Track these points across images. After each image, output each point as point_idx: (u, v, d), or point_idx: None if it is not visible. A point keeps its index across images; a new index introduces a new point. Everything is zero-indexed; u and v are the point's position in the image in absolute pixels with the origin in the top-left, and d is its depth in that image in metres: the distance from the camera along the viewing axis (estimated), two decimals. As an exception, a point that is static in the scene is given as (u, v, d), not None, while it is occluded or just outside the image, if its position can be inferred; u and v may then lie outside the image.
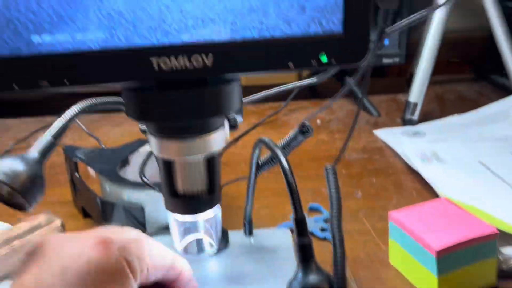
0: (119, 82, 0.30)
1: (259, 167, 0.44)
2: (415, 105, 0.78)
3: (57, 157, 0.76)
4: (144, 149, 0.60)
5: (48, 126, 0.88)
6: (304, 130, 0.40)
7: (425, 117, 0.81)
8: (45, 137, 0.35)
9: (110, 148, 0.60)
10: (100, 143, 0.65)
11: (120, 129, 0.85)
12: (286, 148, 0.42)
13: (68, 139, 0.82)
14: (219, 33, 0.29)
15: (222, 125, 0.34)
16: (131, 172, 0.57)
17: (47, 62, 0.28)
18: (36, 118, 0.90)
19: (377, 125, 0.80)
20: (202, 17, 0.29)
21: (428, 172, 0.60)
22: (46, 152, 0.34)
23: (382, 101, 0.92)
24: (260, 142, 0.41)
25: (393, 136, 0.74)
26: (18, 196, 0.31)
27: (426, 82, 0.79)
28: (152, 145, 0.33)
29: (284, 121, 0.86)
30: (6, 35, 0.27)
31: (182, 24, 0.29)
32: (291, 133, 0.41)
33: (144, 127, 0.35)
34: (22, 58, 0.28)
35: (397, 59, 0.91)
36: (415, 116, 0.78)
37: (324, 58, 0.31)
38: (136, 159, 0.58)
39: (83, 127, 0.78)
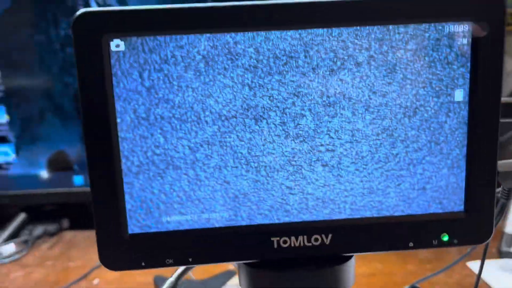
0: (240, 260, 0.30)
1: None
2: (512, 235, 0.73)
3: (144, 276, 0.78)
4: (232, 283, 0.59)
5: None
6: (413, 292, 0.38)
7: (522, 246, 0.75)
8: (170, 281, 0.36)
9: (199, 280, 0.60)
10: (191, 274, 0.66)
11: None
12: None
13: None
14: (338, 213, 0.30)
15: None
16: (219, 307, 0.56)
17: (174, 240, 0.29)
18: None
19: (470, 256, 0.75)
20: (323, 197, 0.29)
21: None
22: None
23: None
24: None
25: (490, 271, 0.69)
26: None
27: (522, 210, 0.75)
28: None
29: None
30: (138, 215, 0.29)
31: (303, 204, 0.29)
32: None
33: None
34: (150, 235, 0.29)
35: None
36: (513, 248, 0.73)
37: (445, 238, 0.30)
38: (226, 292, 0.58)
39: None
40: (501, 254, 0.74)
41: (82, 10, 0.27)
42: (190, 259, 0.29)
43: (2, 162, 0.94)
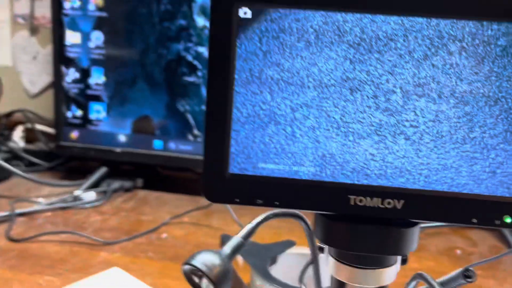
0: (319, 210, 0.35)
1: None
2: None
3: (206, 237, 0.84)
4: (292, 251, 0.64)
5: (201, 207, 0.97)
6: (467, 275, 0.41)
7: None
8: (237, 238, 0.41)
9: (261, 243, 0.65)
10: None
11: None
12: (444, 286, 0.43)
13: (215, 222, 0.91)
14: (413, 183, 0.33)
15: (396, 261, 0.36)
16: (278, 270, 0.61)
17: (265, 185, 0.34)
18: (190, 196, 1.01)
19: (526, 269, 0.76)
20: (401, 167, 0.33)
21: None
22: (236, 250, 0.40)
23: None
24: (419, 276, 0.43)
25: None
26: (213, 287, 0.37)
27: None
28: (330, 264, 0.37)
29: (422, 245, 0.85)
30: (239, 158, 0.34)
31: (382, 171, 0.33)
32: (453, 274, 0.42)
33: (322, 245, 0.39)
34: (246, 177, 0.34)
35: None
36: None
37: (508, 220, 0.33)
38: (283, 259, 0.63)
39: (233, 213, 0.85)
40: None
41: (218, -20, 0.32)
42: (277, 203, 0.34)
43: (94, 119, 1.04)
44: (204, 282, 0.38)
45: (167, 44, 0.96)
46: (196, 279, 0.40)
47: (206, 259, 0.38)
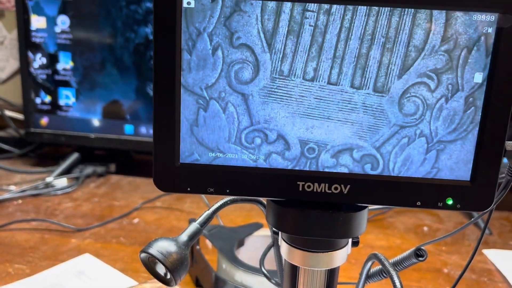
0: (269, 197, 0.35)
1: (367, 278, 0.47)
2: (532, 230, 0.75)
3: (178, 221, 0.85)
4: (259, 234, 0.65)
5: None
6: (419, 254, 0.43)
7: (541, 243, 0.78)
8: (194, 225, 0.41)
9: (228, 227, 0.66)
10: (219, 219, 0.72)
11: (235, 207, 0.92)
12: (397, 265, 0.44)
13: (187, 205, 0.91)
14: (358, 168, 0.34)
15: (347, 243, 0.38)
16: (244, 253, 0.62)
17: (216, 173, 0.35)
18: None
19: (488, 244, 0.78)
20: (346, 155, 0.34)
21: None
22: (193, 237, 0.41)
23: (495, 218, 0.89)
24: (374, 256, 0.44)
25: (504, 260, 0.72)
26: (169, 273, 0.38)
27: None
28: (283, 249, 0.38)
29: (390, 222, 0.87)
30: (189, 148, 0.35)
31: (328, 158, 0.34)
32: (406, 253, 0.44)
33: (276, 230, 0.40)
34: (197, 166, 0.35)
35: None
36: (531, 242, 0.75)
37: (450, 202, 0.34)
38: (250, 241, 0.64)
39: (204, 198, 0.86)
40: (518, 247, 0.77)
41: (162, -30, 0.32)
42: (228, 191, 0.35)
43: (63, 104, 1.02)
44: (161, 269, 0.38)
45: (134, 28, 0.95)
46: (157, 268, 0.40)
47: (162, 247, 0.39)
